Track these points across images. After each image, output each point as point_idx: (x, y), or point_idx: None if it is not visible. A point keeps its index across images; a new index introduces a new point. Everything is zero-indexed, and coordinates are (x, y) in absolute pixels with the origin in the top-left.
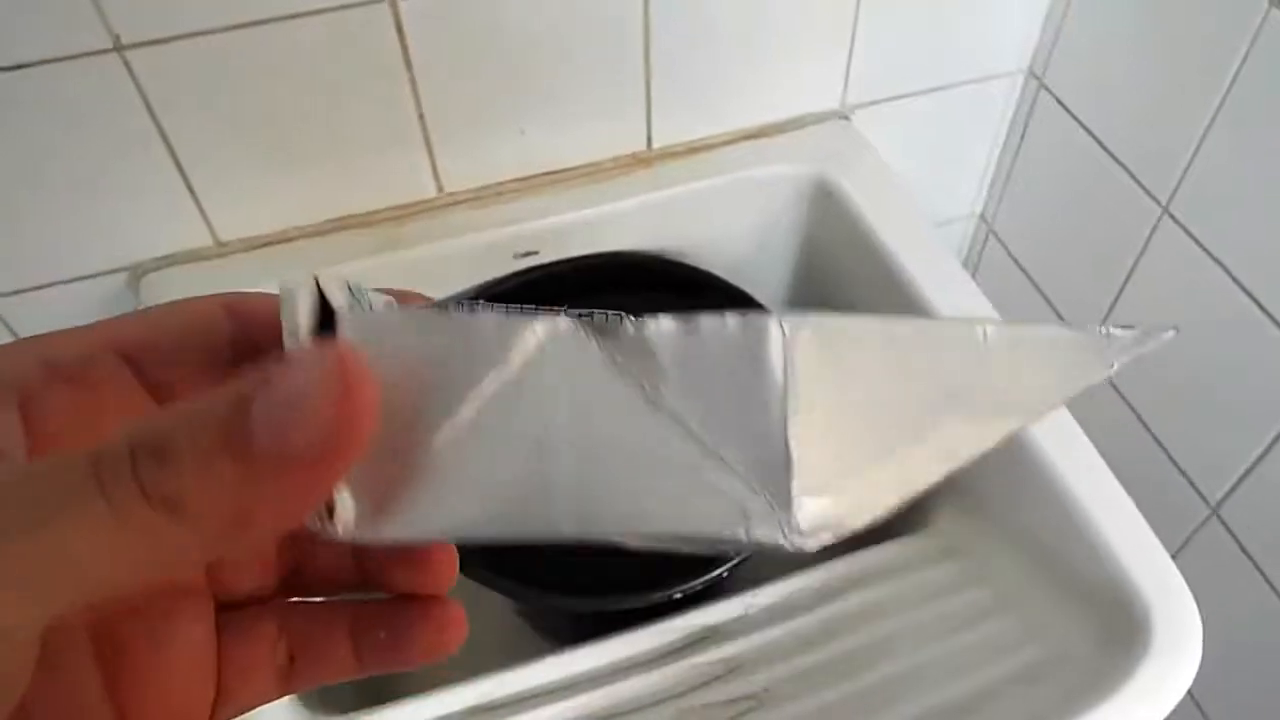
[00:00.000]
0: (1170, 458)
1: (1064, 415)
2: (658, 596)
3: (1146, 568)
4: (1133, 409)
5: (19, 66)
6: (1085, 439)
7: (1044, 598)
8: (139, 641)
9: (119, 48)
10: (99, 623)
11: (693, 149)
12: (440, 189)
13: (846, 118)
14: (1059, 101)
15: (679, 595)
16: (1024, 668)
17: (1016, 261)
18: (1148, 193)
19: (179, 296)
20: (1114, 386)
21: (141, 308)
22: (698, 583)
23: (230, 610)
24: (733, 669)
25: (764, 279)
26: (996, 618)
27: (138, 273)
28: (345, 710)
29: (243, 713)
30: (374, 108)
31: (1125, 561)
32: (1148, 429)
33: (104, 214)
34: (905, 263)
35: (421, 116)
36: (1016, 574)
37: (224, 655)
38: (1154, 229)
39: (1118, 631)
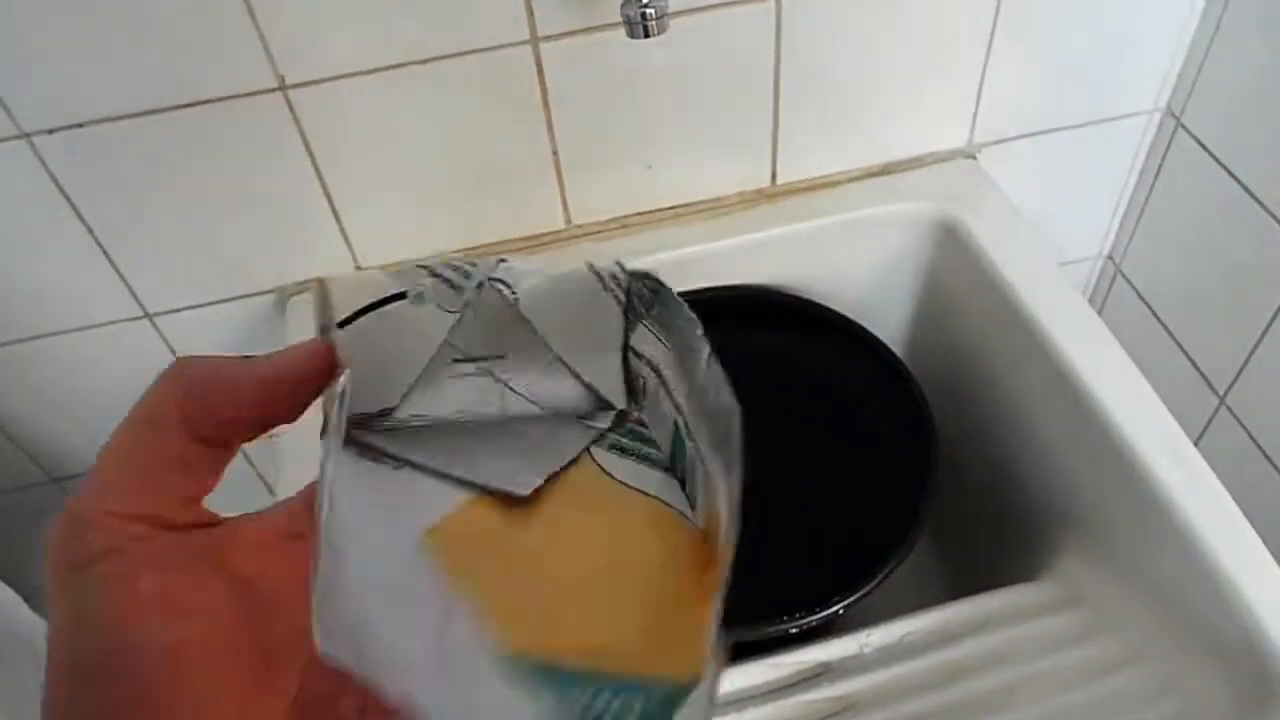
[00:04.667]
0: None
1: (1193, 455)
2: (773, 630)
3: None
4: None
5: (198, 103)
6: (1217, 481)
7: (1175, 650)
8: None
9: (283, 87)
10: None
11: (817, 185)
12: (568, 220)
13: (973, 156)
14: (1197, 140)
15: (795, 630)
16: None
17: (1146, 303)
18: None
19: None
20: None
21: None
22: (814, 618)
23: None
24: (847, 708)
25: (885, 316)
26: (1124, 670)
27: (284, 295)
28: None
29: None
30: (511, 143)
31: (1260, 614)
32: None
33: (259, 239)
34: (1030, 302)
35: (555, 152)
36: (1145, 624)
37: None
38: None
39: (1254, 688)
